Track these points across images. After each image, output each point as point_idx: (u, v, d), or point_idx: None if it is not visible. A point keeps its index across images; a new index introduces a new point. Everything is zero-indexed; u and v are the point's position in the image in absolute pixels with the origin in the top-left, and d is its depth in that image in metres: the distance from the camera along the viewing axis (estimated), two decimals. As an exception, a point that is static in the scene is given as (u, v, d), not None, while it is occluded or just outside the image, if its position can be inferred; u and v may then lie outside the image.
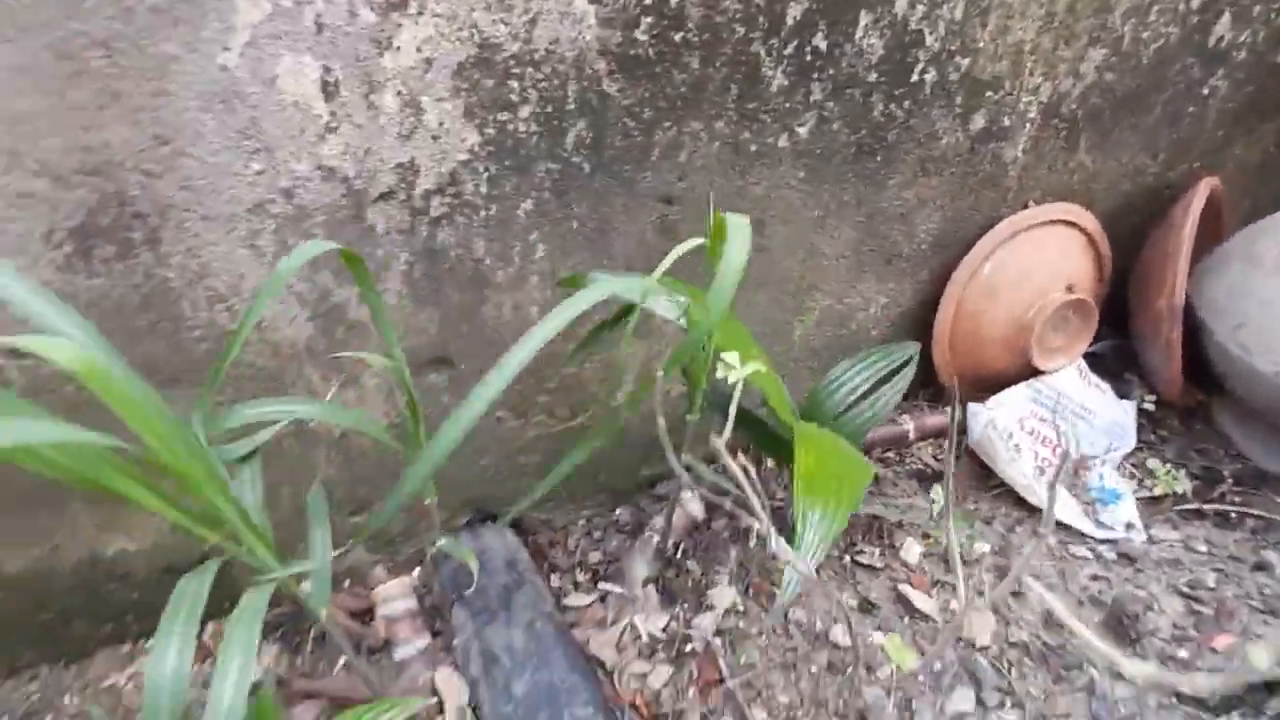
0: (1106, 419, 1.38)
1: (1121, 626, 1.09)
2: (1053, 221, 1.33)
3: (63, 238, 0.77)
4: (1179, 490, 1.32)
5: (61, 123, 0.71)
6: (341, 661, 1.07)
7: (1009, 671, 1.07)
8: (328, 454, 1.03)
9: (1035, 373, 1.38)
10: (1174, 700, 1.01)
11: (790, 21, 0.95)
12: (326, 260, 0.90)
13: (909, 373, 1.10)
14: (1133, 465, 1.39)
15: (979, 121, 1.17)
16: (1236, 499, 1.30)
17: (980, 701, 1.04)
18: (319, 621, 0.80)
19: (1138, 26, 1.19)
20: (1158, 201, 1.44)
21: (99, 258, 0.79)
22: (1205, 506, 1.29)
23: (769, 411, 0.97)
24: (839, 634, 1.12)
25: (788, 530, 0.82)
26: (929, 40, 1.04)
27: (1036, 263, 1.33)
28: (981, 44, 1.09)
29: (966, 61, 1.09)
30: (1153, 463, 1.37)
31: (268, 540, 0.71)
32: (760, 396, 0.94)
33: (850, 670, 1.07)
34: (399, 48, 0.80)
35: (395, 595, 1.13)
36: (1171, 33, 1.25)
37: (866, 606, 1.17)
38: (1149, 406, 1.44)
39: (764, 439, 1.02)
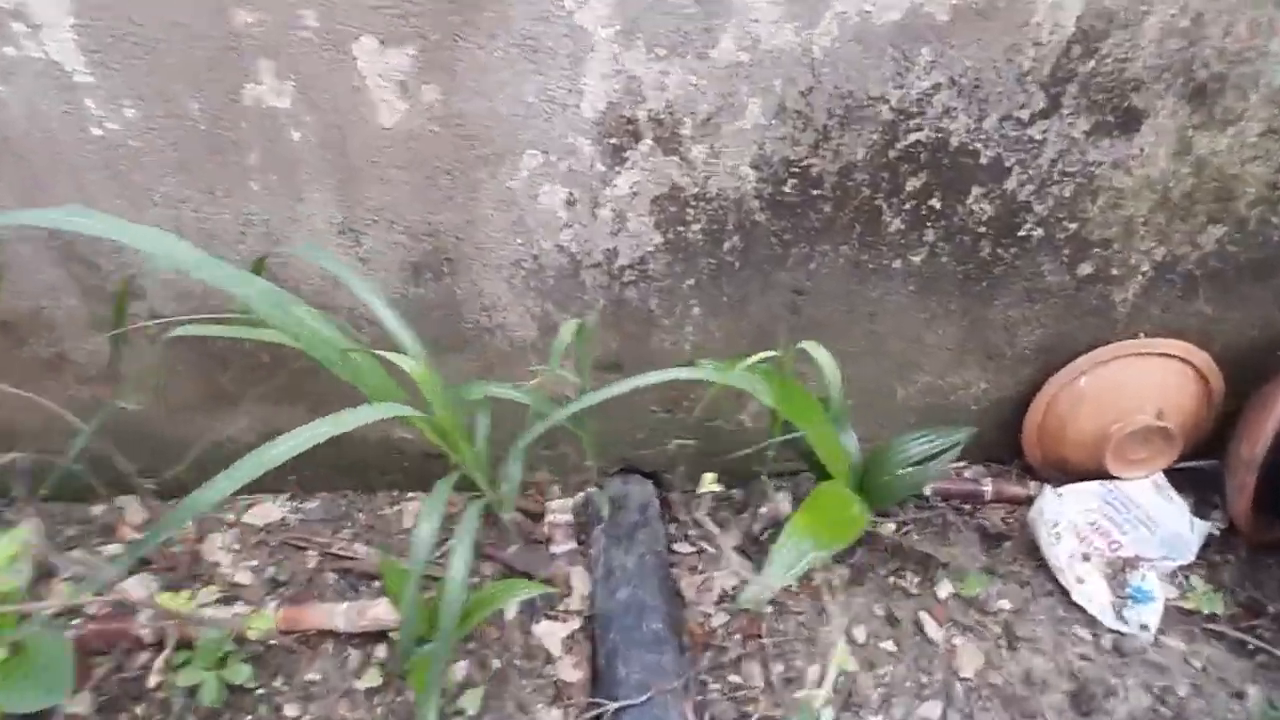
0: (1169, 530, 1.56)
1: (1082, 699, 1.35)
2: (1160, 354, 1.50)
3: (408, 265, 1.29)
4: (1212, 610, 1.49)
5: (419, 208, 1.22)
6: (519, 543, 1.61)
7: (977, 702, 1.38)
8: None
9: (1112, 475, 1.58)
10: (1096, 764, 1.28)
11: (909, 189, 1.24)
12: (552, 294, 1.36)
13: (952, 454, 1.38)
14: (1183, 576, 1.56)
15: (1086, 269, 1.38)
16: (1265, 634, 1.46)
17: (944, 716, 1.37)
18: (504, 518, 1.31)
19: (1265, 213, 1.31)
20: (1293, 349, 1.53)
21: (424, 278, 1.31)
22: (1229, 631, 1.46)
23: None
24: (859, 633, 1.48)
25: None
26: (1037, 208, 1.28)
27: (1132, 385, 1.51)
28: (1091, 215, 1.29)
29: (1075, 226, 1.31)
30: (1197, 579, 1.54)
31: (483, 467, 1.21)
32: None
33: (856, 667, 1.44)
34: (617, 185, 1.22)
35: (560, 510, 1.64)
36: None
37: (892, 620, 1.51)
38: (1217, 531, 1.58)
39: (821, 476, 1.38)
